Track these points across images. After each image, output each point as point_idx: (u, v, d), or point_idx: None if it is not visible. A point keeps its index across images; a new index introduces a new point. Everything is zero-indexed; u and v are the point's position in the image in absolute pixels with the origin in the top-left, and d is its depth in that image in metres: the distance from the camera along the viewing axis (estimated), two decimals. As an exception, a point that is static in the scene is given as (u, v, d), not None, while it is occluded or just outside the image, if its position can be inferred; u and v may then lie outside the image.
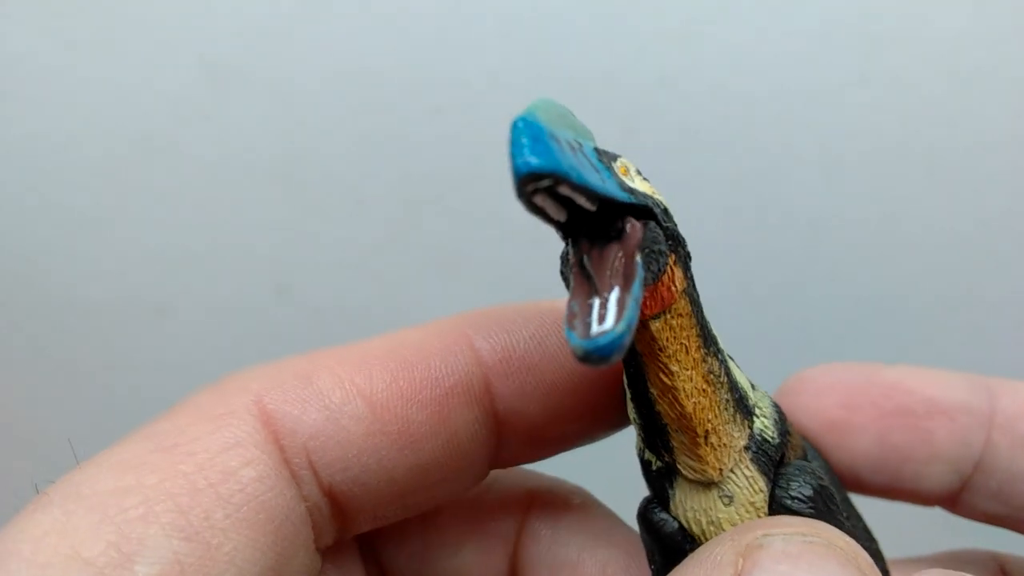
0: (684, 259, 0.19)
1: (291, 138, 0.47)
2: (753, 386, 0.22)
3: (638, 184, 0.18)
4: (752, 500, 0.20)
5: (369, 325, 0.50)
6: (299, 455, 0.19)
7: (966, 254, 0.46)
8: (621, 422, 0.23)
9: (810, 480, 0.20)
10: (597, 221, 0.17)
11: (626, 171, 0.18)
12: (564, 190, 0.15)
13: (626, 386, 0.20)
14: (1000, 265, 0.46)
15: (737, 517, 0.20)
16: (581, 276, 0.16)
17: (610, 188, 0.17)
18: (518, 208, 0.16)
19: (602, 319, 0.15)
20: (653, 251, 0.17)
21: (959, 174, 0.45)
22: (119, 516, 0.17)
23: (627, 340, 0.14)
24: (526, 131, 0.15)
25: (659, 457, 0.20)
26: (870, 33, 0.43)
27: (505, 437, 0.22)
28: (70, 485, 0.18)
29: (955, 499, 0.26)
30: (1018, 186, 0.45)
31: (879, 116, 0.44)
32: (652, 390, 0.19)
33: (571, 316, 0.15)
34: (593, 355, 0.14)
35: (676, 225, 0.19)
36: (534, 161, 0.14)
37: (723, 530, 0.20)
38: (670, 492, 0.20)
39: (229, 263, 0.49)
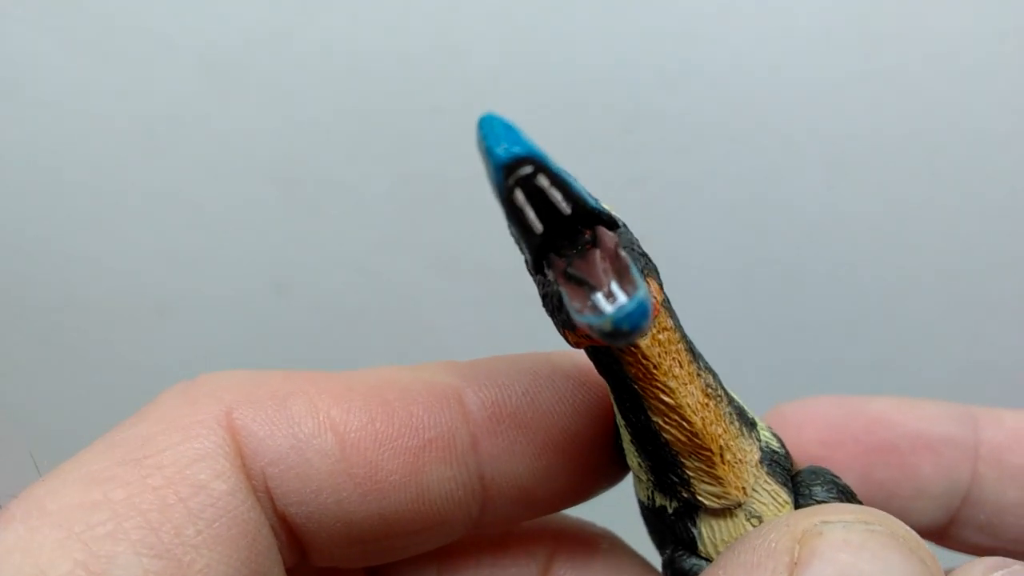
0: (655, 272, 0.18)
1: (291, 138, 0.47)
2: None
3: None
4: (780, 515, 0.19)
5: (368, 325, 0.50)
6: (257, 477, 0.18)
7: (966, 253, 0.46)
8: (615, 477, 0.22)
9: (831, 479, 0.19)
10: (567, 234, 0.16)
11: None
12: (542, 181, 0.15)
13: (623, 428, 0.19)
14: (1000, 265, 0.46)
15: None
16: (571, 283, 0.15)
17: (582, 187, 0.16)
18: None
19: (613, 302, 0.14)
20: (634, 250, 0.16)
21: (959, 173, 0.45)
22: (86, 533, 0.16)
23: (650, 305, 0.13)
24: (497, 124, 0.15)
25: (675, 496, 0.19)
26: (870, 32, 0.43)
27: (491, 498, 0.20)
28: (33, 499, 0.17)
29: (943, 533, 0.25)
30: (1018, 185, 0.45)
31: (879, 115, 0.44)
32: (655, 418, 0.18)
33: (580, 310, 0.14)
34: (624, 323, 0.13)
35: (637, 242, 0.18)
36: (515, 148, 0.14)
37: None
38: (695, 532, 0.19)
39: (228, 262, 0.49)
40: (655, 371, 0.17)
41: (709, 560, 0.19)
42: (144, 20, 0.46)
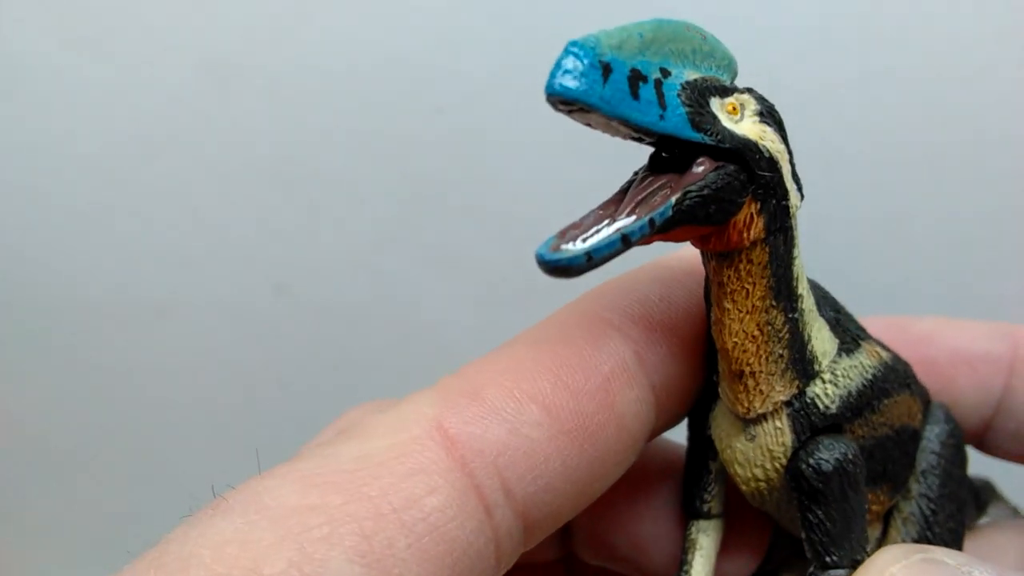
0: (773, 210, 0.19)
1: (291, 137, 0.47)
2: (886, 360, 0.22)
3: (745, 126, 0.18)
4: (772, 449, 0.20)
5: (369, 325, 0.50)
6: (491, 476, 0.18)
7: (966, 253, 0.46)
8: None
9: (837, 456, 0.20)
10: (683, 151, 0.17)
11: (736, 110, 0.18)
12: (597, 119, 0.16)
13: None
14: (1000, 264, 0.46)
15: (755, 456, 0.20)
16: (618, 193, 0.17)
17: (660, 124, 0.17)
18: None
19: (585, 240, 0.16)
20: (702, 196, 0.17)
21: (959, 173, 0.45)
22: (303, 535, 0.16)
23: (577, 267, 0.16)
24: (570, 55, 0.16)
25: (712, 373, 0.21)
26: (870, 33, 0.43)
27: (661, 405, 0.22)
28: (252, 494, 0.17)
29: (980, 439, 0.27)
30: (1018, 185, 0.45)
31: (879, 115, 0.44)
32: (710, 315, 0.20)
33: (573, 225, 0.16)
34: (541, 266, 0.16)
35: (782, 175, 0.19)
36: (559, 86, 0.16)
37: (737, 461, 0.21)
38: (714, 405, 0.22)
39: (228, 262, 0.49)
40: (719, 287, 0.19)
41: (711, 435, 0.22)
42: (144, 20, 0.46)
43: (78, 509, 0.55)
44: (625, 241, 0.16)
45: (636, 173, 0.18)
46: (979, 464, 0.28)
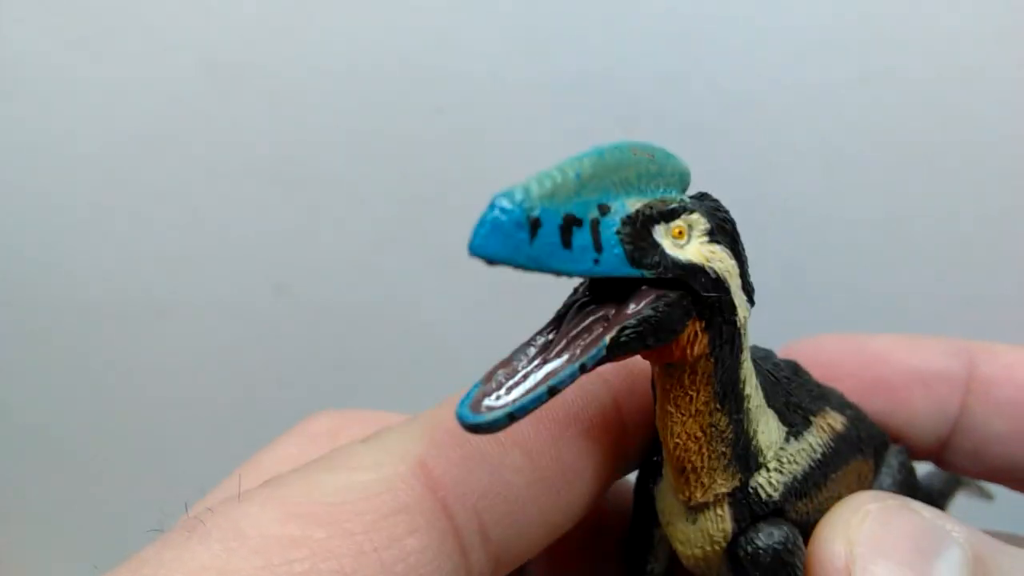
0: (719, 327, 0.19)
1: (291, 138, 0.47)
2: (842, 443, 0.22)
3: (691, 249, 0.18)
4: (712, 534, 0.20)
5: (368, 325, 0.50)
6: (470, 519, 0.18)
7: (966, 253, 0.46)
8: None
9: (775, 545, 0.20)
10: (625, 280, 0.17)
11: (682, 233, 0.18)
12: (526, 271, 0.16)
13: None
14: (1000, 264, 0.46)
15: (696, 538, 0.21)
16: (554, 320, 0.17)
17: (595, 268, 0.16)
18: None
19: (510, 391, 0.16)
20: (638, 332, 0.17)
21: (958, 173, 0.45)
22: (284, 568, 0.16)
23: (498, 428, 0.16)
24: (494, 211, 0.15)
25: (655, 453, 0.21)
26: (870, 33, 0.43)
27: (631, 452, 0.22)
28: (231, 519, 0.17)
29: (938, 456, 0.27)
30: (1018, 185, 0.45)
31: (879, 115, 0.44)
32: (656, 404, 0.20)
33: (502, 363, 0.16)
34: (466, 429, 0.16)
35: (731, 293, 0.19)
36: (480, 248, 0.15)
37: (678, 539, 0.21)
38: (659, 478, 0.22)
39: (228, 262, 0.49)
40: (663, 393, 0.19)
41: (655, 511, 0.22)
42: (144, 20, 0.46)
43: (78, 509, 0.55)
44: (552, 392, 0.16)
45: (576, 291, 0.18)
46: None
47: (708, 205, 0.19)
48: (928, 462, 0.27)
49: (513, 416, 0.16)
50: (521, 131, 0.45)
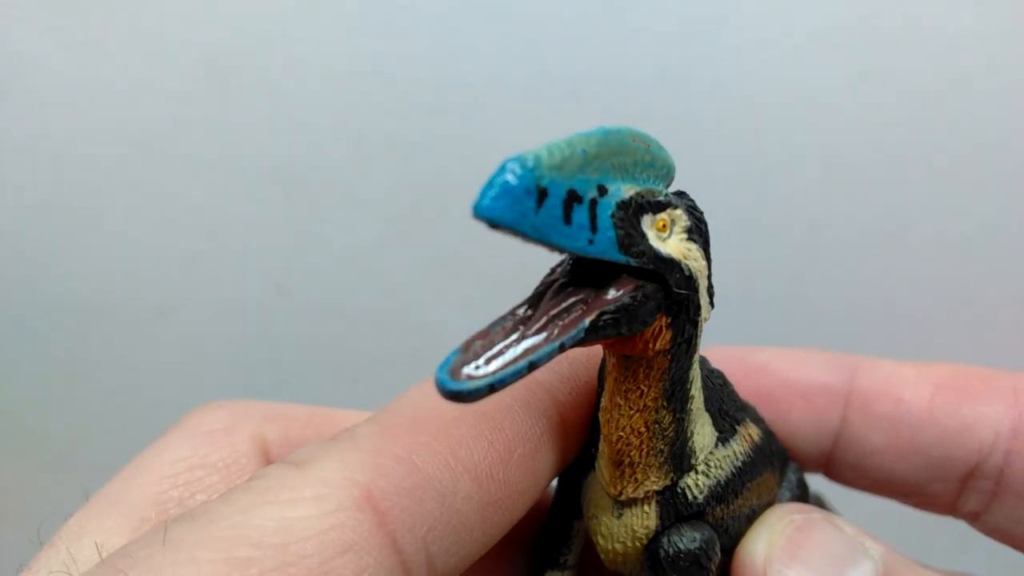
0: (683, 324, 0.19)
1: (292, 139, 0.47)
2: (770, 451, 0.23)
3: (671, 243, 0.18)
4: (636, 530, 0.21)
5: (369, 325, 0.50)
6: (419, 552, 0.17)
7: (966, 253, 0.46)
8: None
9: (693, 546, 0.21)
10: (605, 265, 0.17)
11: (665, 227, 0.18)
12: (523, 240, 0.16)
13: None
14: (1000, 265, 0.46)
15: (619, 532, 0.21)
16: (533, 297, 0.17)
17: (589, 248, 0.16)
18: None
19: (489, 362, 0.16)
20: (615, 318, 0.17)
21: (958, 173, 0.45)
22: None
23: (477, 397, 0.15)
24: (506, 175, 0.15)
25: (592, 446, 0.21)
26: (870, 33, 0.43)
27: (571, 453, 0.22)
28: (156, 566, 0.15)
29: (826, 470, 0.27)
30: (1017, 185, 0.45)
31: (879, 115, 0.44)
32: (601, 397, 0.20)
33: (479, 334, 0.16)
34: (439, 391, 0.15)
35: (699, 291, 0.19)
36: (489, 209, 0.15)
37: (601, 533, 0.21)
38: (589, 471, 0.22)
39: (229, 263, 0.49)
40: (615, 383, 0.19)
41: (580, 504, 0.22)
42: (144, 20, 0.46)
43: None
44: (531, 367, 0.16)
45: (553, 270, 0.18)
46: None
47: (687, 203, 0.19)
48: (819, 474, 0.27)
49: (493, 387, 0.15)
50: (521, 132, 0.45)
